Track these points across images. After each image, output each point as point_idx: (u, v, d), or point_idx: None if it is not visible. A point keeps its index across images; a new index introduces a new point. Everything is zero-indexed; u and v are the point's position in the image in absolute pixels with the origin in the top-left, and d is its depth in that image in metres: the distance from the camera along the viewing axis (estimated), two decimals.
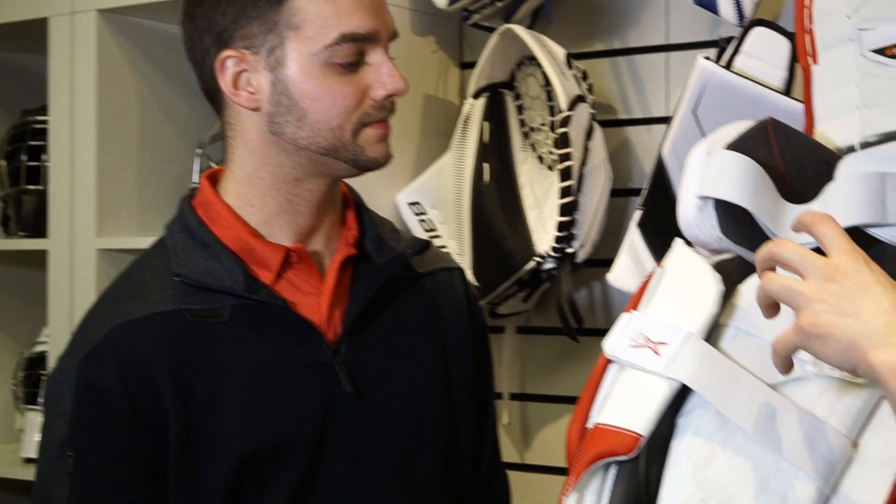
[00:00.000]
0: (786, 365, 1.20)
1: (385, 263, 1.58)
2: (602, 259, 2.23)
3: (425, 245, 1.65)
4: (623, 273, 2.07)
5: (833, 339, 1.14)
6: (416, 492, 1.57)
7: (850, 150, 1.49)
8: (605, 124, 2.23)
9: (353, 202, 1.63)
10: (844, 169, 1.45)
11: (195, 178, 2.53)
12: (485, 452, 1.69)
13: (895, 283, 1.16)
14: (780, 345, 1.18)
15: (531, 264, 2.18)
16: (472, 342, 1.68)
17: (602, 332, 2.30)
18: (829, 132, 1.54)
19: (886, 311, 1.12)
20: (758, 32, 1.98)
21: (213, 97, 1.57)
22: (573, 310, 2.19)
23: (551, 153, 2.27)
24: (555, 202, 2.16)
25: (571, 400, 2.35)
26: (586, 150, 2.16)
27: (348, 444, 1.52)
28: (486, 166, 2.27)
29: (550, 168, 2.28)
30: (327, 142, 1.51)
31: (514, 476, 1.86)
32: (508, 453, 1.80)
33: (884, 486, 1.21)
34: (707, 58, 1.96)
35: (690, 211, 1.42)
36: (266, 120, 1.52)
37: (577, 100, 2.14)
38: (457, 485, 1.62)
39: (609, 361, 1.33)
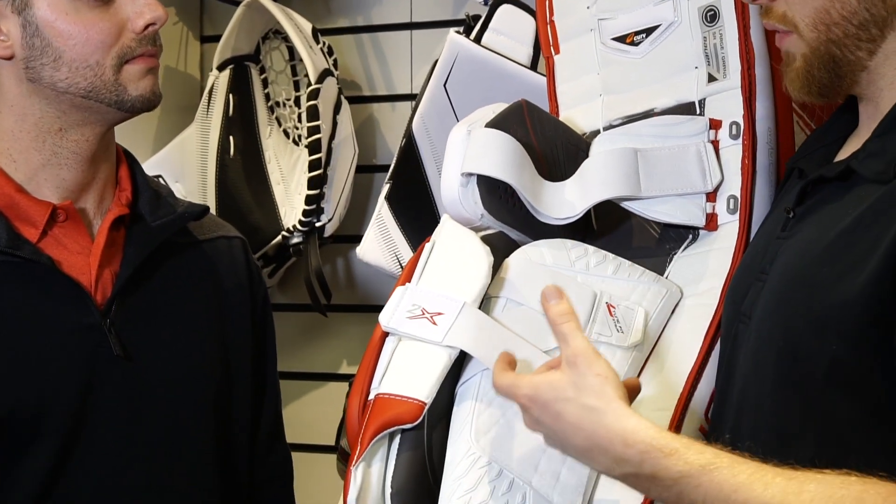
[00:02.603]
0: None
1: (160, 226, 1.53)
2: (347, 235, 2.24)
3: (203, 210, 1.61)
4: (372, 247, 2.09)
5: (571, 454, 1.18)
6: (187, 460, 1.53)
7: (596, 134, 1.56)
8: (350, 101, 2.23)
9: (128, 164, 1.58)
10: (598, 146, 1.51)
11: None
12: (263, 424, 1.66)
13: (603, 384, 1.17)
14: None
15: (278, 238, 2.17)
16: (251, 312, 1.65)
17: (350, 308, 2.34)
18: (574, 118, 1.60)
19: (589, 443, 1.14)
20: (504, 10, 2.02)
21: None
22: (322, 284, 2.19)
23: (297, 127, 2.26)
24: (302, 176, 2.15)
25: (322, 377, 2.36)
26: (335, 125, 2.16)
27: (116, 410, 1.47)
28: (231, 139, 2.24)
29: (296, 142, 2.27)
30: (87, 81, 1.45)
31: None
32: None
33: None
34: (458, 31, 1.99)
35: (454, 188, 1.45)
36: (21, 67, 1.45)
37: (326, 73, 2.14)
38: (231, 456, 1.60)
39: (385, 334, 1.34)
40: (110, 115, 1.49)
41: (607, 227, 1.56)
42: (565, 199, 1.45)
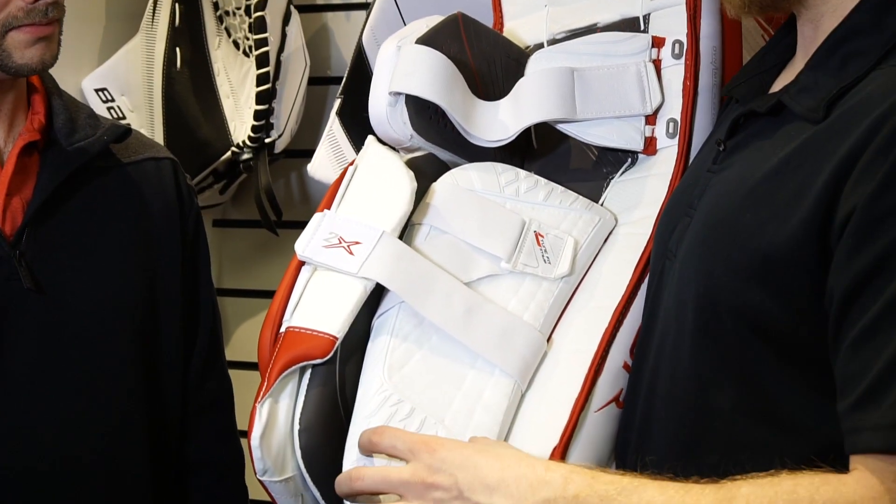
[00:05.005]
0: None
1: (77, 150, 1.47)
2: (300, 150, 2.18)
3: (125, 132, 1.54)
4: (323, 164, 2.02)
5: None
6: (108, 393, 1.49)
7: (539, 47, 1.49)
8: (300, 10, 2.15)
9: (43, 87, 1.51)
10: (534, 65, 1.44)
11: None
12: (198, 350, 1.62)
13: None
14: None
15: (227, 154, 2.11)
16: (181, 234, 1.60)
17: (302, 225, 2.27)
18: (517, 30, 1.52)
19: (504, 472, 1.10)
20: None
21: None
22: (272, 201, 2.14)
23: (247, 38, 2.18)
24: (252, 89, 2.09)
25: (270, 294, 2.31)
26: (283, 36, 2.09)
27: (28, 344, 1.43)
28: (178, 51, 2.16)
29: (247, 54, 2.19)
30: None
31: None
32: None
33: (577, 380, 1.22)
34: None
35: (382, 107, 1.38)
36: None
37: None
38: (160, 385, 1.55)
39: (302, 263, 1.29)
40: None
41: (547, 147, 1.50)
42: (498, 121, 1.38)
